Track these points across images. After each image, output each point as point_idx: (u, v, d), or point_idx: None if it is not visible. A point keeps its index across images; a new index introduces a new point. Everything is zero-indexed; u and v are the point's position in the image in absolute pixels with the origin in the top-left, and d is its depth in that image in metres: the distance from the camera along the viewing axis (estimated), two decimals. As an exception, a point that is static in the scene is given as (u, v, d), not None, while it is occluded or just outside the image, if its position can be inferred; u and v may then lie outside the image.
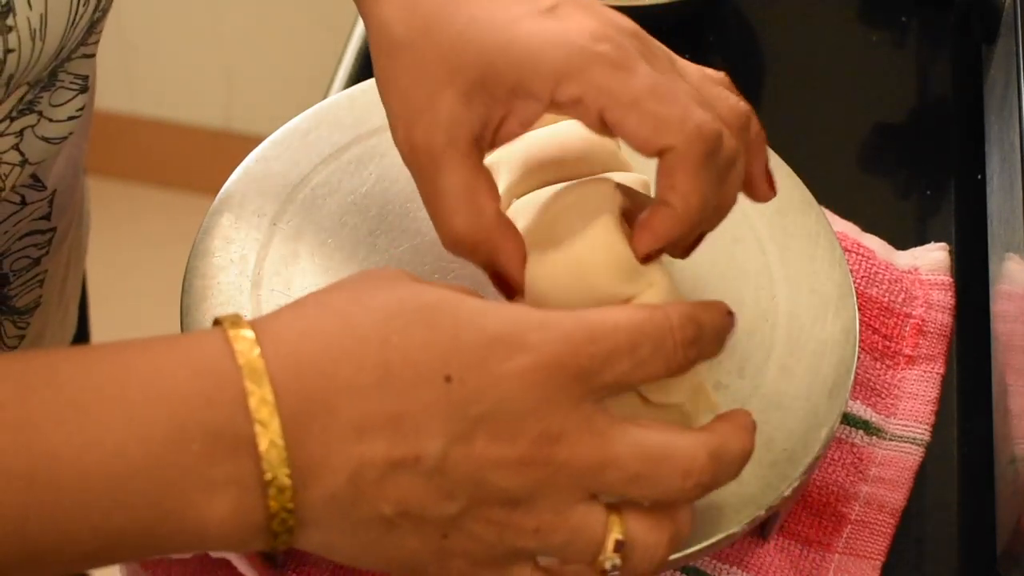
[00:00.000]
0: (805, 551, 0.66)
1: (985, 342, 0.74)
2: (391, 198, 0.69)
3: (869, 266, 0.75)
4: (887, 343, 0.73)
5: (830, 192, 0.76)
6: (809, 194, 0.72)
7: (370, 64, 0.58)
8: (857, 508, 0.68)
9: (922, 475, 0.70)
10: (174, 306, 0.64)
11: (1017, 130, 0.73)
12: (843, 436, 0.70)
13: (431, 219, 0.55)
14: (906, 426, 0.71)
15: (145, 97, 2.02)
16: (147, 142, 2.07)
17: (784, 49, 0.91)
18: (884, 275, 0.75)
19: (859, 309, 0.68)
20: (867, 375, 0.72)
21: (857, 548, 0.67)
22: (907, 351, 0.73)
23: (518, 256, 0.54)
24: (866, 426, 0.70)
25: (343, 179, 0.70)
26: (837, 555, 0.66)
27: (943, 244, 0.78)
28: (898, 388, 0.72)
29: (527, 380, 0.45)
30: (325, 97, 0.81)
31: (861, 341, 0.69)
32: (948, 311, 0.75)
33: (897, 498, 0.68)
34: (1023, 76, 0.74)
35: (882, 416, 0.71)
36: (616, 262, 0.55)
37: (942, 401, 0.72)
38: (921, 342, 0.74)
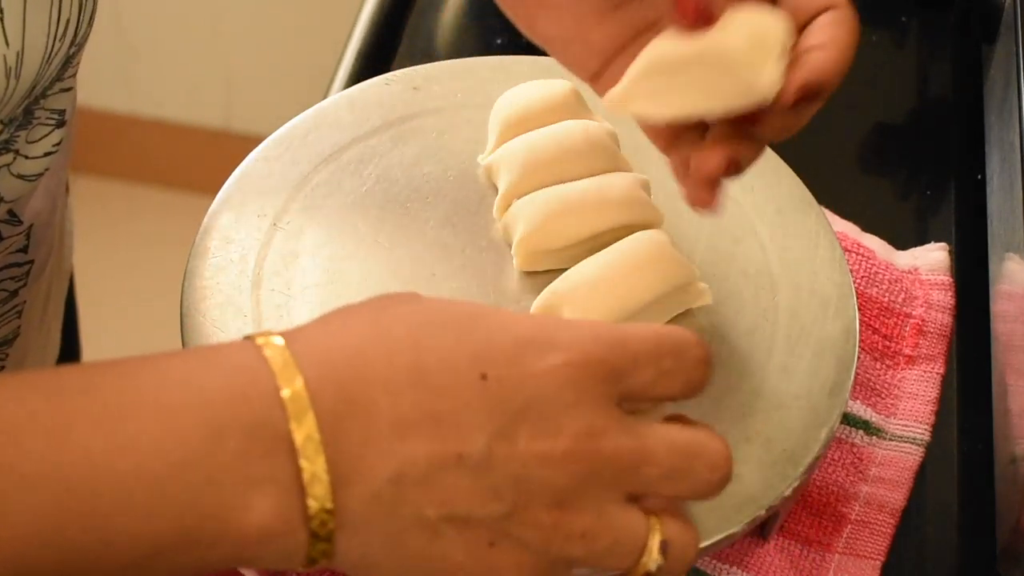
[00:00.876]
0: (805, 551, 0.66)
1: (985, 342, 0.74)
2: (391, 198, 0.69)
3: (869, 266, 0.75)
4: (887, 343, 0.73)
5: (830, 192, 0.76)
6: (809, 194, 0.72)
7: (371, 64, 0.58)
8: (857, 508, 0.68)
9: (922, 475, 0.70)
10: (174, 306, 0.64)
11: (1017, 130, 0.73)
12: (843, 436, 0.70)
13: None
14: (906, 426, 0.71)
15: (144, 97, 2.02)
16: (147, 142, 2.07)
17: (784, 49, 0.91)
18: (884, 275, 0.75)
19: (859, 309, 0.68)
20: (867, 375, 0.72)
21: (857, 548, 0.67)
22: (907, 351, 0.73)
23: None
24: (866, 426, 0.70)
25: (343, 179, 0.70)
26: (837, 555, 0.66)
27: (943, 244, 0.78)
28: (898, 388, 0.72)
29: (561, 376, 0.45)
30: (325, 97, 0.81)
31: (861, 341, 0.69)
32: (948, 311, 0.75)
33: (897, 498, 0.68)
34: (1023, 76, 0.74)
35: (882, 416, 0.71)
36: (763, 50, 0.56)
37: (942, 401, 0.72)
38: (921, 342, 0.74)
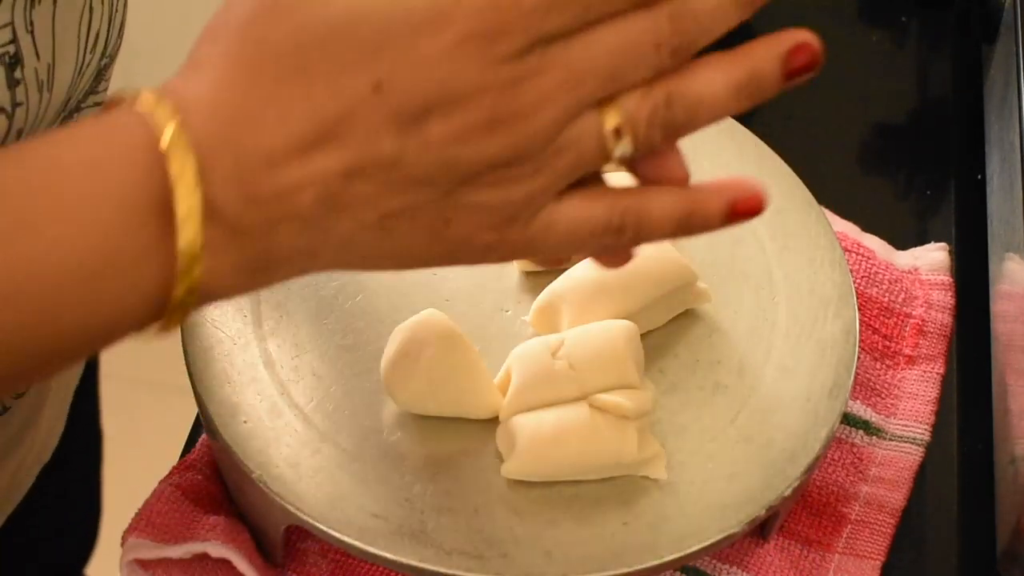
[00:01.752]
0: (805, 551, 0.66)
1: (985, 342, 0.74)
2: (391, 198, 0.69)
3: (869, 266, 0.75)
4: (887, 343, 0.73)
5: (830, 192, 0.76)
6: (809, 194, 0.72)
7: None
8: (857, 508, 0.68)
9: (922, 475, 0.70)
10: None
11: (1017, 130, 0.73)
12: (843, 436, 0.70)
13: None
14: (906, 426, 0.71)
15: (145, 97, 2.01)
16: (147, 142, 2.06)
17: (784, 49, 0.91)
18: (884, 275, 0.75)
19: (859, 309, 0.68)
20: (867, 375, 0.72)
21: (857, 548, 0.67)
22: (907, 351, 0.73)
23: None
24: (866, 426, 0.70)
25: (343, 179, 0.70)
26: (837, 555, 0.66)
27: (943, 244, 0.78)
28: (898, 388, 0.72)
29: (460, 53, 0.43)
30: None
31: (861, 341, 0.69)
32: (948, 311, 0.75)
33: (897, 498, 0.68)
34: (1023, 76, 0.74)
35: (882, 416, 0.71)
36: None
37: (942, 401, 0.72)
38: (921, 342, 0.74)
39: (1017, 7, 0.78)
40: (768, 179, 0.72)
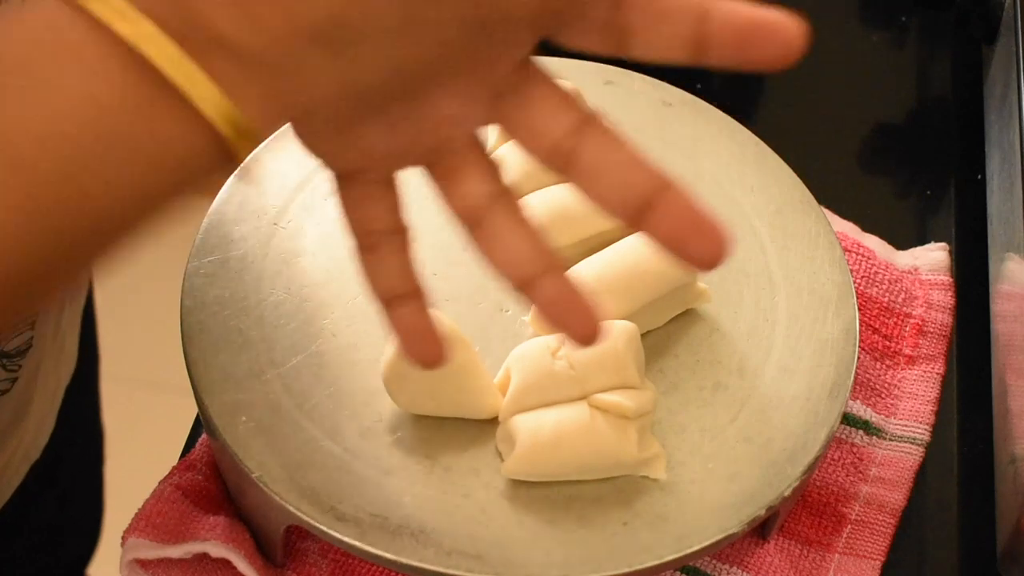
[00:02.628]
0: (805, 551, 0.66)
1: (985, 342, 0.74)
2: (391, 198, 0.69)
3: (869, 266, 0.75)
4: (887, 343, 0.73)
5: (830, 192, 0.76)
6: (809, 194, 0.72)
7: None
8: (857, 508, 0.68)
9: (922, 475, 0.70)
10: (174, 307, 0.64)
11: (1017, 130, 0.73)
12: (843, 436, 0.70)
13: None
14: (906, 426, 0.71)
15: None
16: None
17: (784, 49, 0.91)
18: (884, 275, 0.75)
19: (859, 309, 0.68)
20: (867, 375, 0.72)
21: (857, 548, 0.67)
22: (907, 351, 0.73)
23: None
24: (866, 426, 0.70)
25: (343, 179, 0.70)
26: (837, 555, 0.66)
27: (943, 244, 0.78)
28: (898, 388, 0.72)
29: None
30: (325, 97, 0.81)
31: (861, 341, 0.69)
32: (948, 311, 0.75)
33: (897, 498, 0.68)
34: (1023, 76, 0.74)
35: (882, 416, 0.71)
36: None
37: (942, 401, 0.72)
38: (921, 342, 0.74)
39: (1017, 7, 0.78)
40: (768, 179, 0.72)
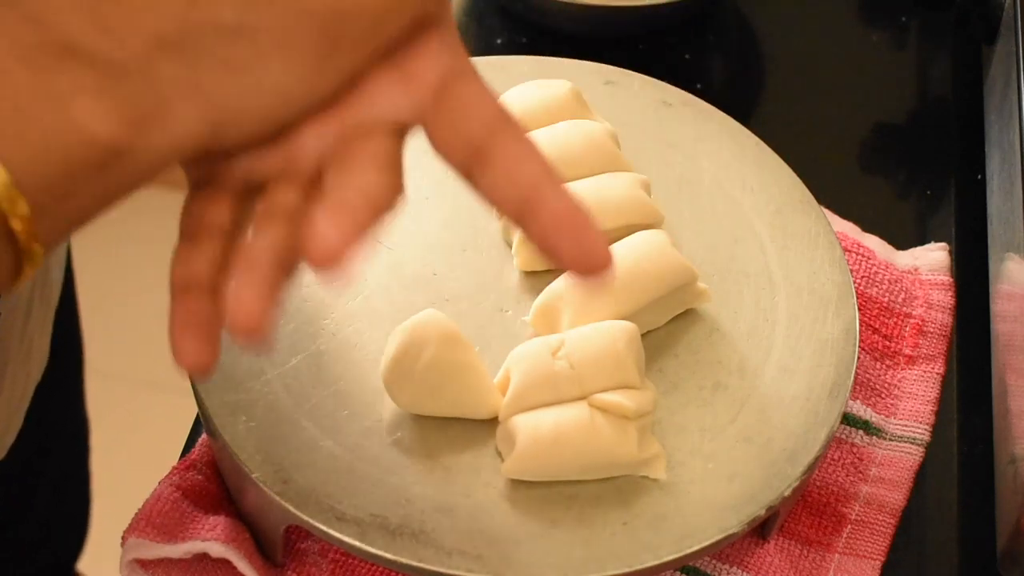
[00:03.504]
0: (805, 551, 0.66)
1: (985, 342, 0.74)
2: (391, 198, 0.69)
3: (869, 266, 0.75)
4: (887, 343, 0.73)
5: (830, 192, 0.76)
6: (809, 194, 0.72)
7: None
8: (857, 508, 0.68)
9: (922, 475, 0.70)
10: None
11: (1017, 130, 0.73)
12: (843, 436, 0.70)
13: None
14: (906, 426, 0.71)
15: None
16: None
17: (784, 49, 0.91)
18: (884, 275, 0.75)
19: (859, 309, 0.68)
20: (867, 375, 0.72)
21: (857, 548, 0.67)
22: (907, 351, 0.73)
23: None
24: (866, 426, 0.70)
25: (343, 179, 0.70)
26: (837, 555, 0.66)
27: (943, 244, 0.78)
28: (898, 388, 0.72)
29: None
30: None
31: (861, 341, 0.69)
32: (948, 311, 0.75)
33: (897, 498, 0.68)
34: (1023, 76, 0.74)
35: (882, 416, 0.71)
36: None
37: (942, 401, 0.72)
38: (921, 342, 0.74)
39: (1017, 7, 0.78)
40: (768, 179, 0.72)
